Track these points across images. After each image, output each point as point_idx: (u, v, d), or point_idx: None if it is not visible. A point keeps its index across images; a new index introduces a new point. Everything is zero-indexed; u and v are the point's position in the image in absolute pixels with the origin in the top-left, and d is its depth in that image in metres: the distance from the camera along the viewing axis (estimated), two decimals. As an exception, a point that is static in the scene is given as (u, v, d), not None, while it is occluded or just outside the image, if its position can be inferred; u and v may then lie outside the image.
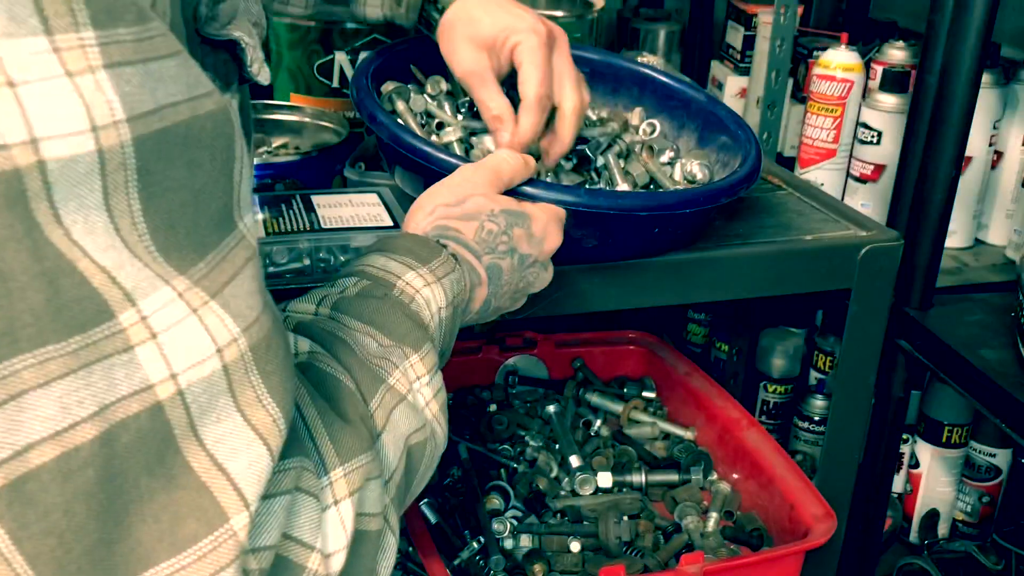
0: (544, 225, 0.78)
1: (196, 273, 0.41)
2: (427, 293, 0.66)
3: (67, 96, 0.36)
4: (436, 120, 0.99)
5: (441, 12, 0.93)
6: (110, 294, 0.38)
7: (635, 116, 1.09)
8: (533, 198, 0.82)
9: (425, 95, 1.01)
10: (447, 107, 1.00)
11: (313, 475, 0.48)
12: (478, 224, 0.74)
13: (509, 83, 0.91)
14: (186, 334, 0.40)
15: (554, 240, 0.79)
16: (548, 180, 0.93)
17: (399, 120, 0.95)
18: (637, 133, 1.06)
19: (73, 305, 0.37)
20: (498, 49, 0.89)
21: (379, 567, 0.55)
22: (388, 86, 1.00)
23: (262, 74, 0.60)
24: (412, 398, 0.60)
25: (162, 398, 0.39)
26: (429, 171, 0.86)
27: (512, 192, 0.81)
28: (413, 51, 1.05)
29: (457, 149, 0.95)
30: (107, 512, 0.38)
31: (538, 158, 0.92)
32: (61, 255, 0.36)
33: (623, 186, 0.98)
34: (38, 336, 0.36)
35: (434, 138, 0.97)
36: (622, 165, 1.00)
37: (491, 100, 0.89)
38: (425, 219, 0.74)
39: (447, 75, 1.03)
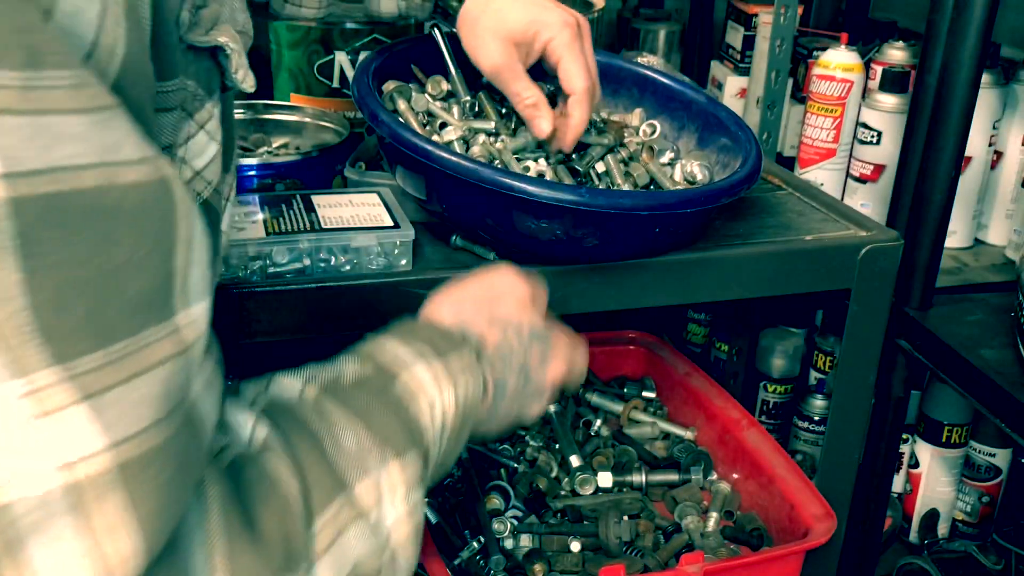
0: (558, 351, 0.72)
1: (82, 364, 0.36)
2: (433, 393, 0.59)
3: None
4: (439, 120, 0.99)
5: (460, 2, 0.92)
6: None
7: (635, 117, 1.09)
8: (535, 196, 0.82)
9: (426, 95, 1.01)
10: (454, 110, 1.00)
11: None
12: (503, 336, 0.68)
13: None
14: (25, 442, 0.35)
15: (560, 371, 0.73)
16: (551, 179, 0.93)
17: (400, 119, 0.95)
18: (637, 134, 1.06)
19: None
20: (528, 43, 0.90)
21: None
22: (389, 85, 1.00)
23: (246, 81, 0.57)
24: (376, 515, 0.53)
25: None
26: (431, 170, 0.86)
27: (515, 195, 0.81)
28: (414, 51, 1.05)
29: (458, 148, 0.95)
30: None
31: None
32: None
33: (623, 186, 0.98)
34: None
35: (435, 138, 0.97)
36: (623, 167, 1.00)
37: (526, 91, 0.90)
38: (451, 309, 0.68)
39: (448, 75, 1.03)
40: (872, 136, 1.31)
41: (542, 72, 0.96)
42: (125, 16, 0.40)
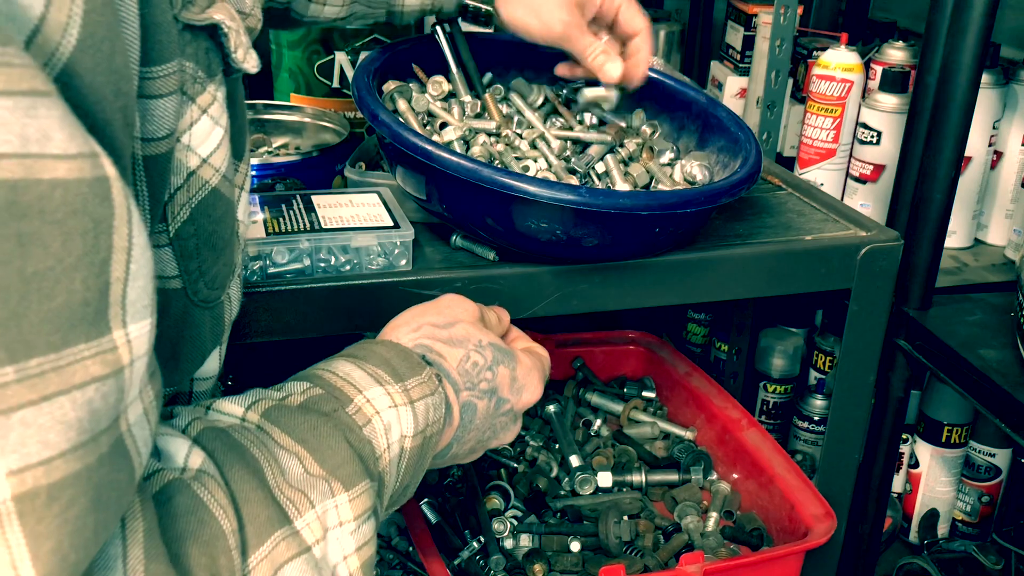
0: (528, 372, 0.70)
1: None
2: (389, 417, 0.56)
3: None
4: (439, 120, 0.99)
5: None
6: None
7: (636, 117, 1.09)
8: (535, 196, 0.82)
9: (427, 95, 1.01)
10: (455, 110, 1.00)
11: None
12: (464, 353, 0.65)
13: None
14: None
15: (533, 392, 0.71)
16: (551, 179, 0.93)
17: (401, 119, 0.95)
18: (637, 134, 1.06)
19: None
20: (587, 3, 0.96)
21: None
22: (390, 85, 1.00)
23: (248, 61, 0.54)
24: (321, 550, 0.50)
25: None
26: (431, 170, 0.86)
27: (514, 195, 0.82)
28: (414, 51, 1.05)
29: (458, 148, 0.96)
30: None
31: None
32: None
33: (623, 186, 0.98)
34: None
35: (436, 138, 0.97)
36: (623, 167, 1.00)
37: (593, 45, 0.96)
38: (409, 334, 0.66)
39: (448, 75, 1.03)
40: (872, 136, 1.31)
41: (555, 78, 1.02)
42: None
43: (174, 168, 0.52)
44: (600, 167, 0.99)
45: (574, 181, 0.97)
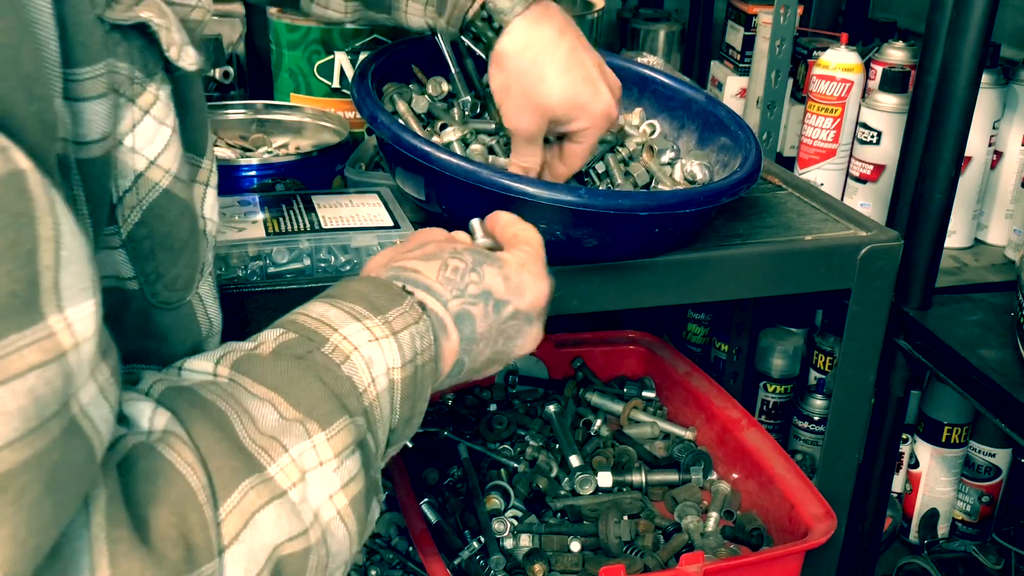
0: (519, 268, 0.66)
1: None
2: (370, 351, 0.54)
3: None
4: (440, 122, 0.99)
5: (497, 32, 0.87)
6: None
7: (635, 116, 1.09)
8: (535, 197, 0.83)
9: (427, 95, 1.01)
10: (454, 111, 1.00)
11: None
12: (440, 262, 0.63)
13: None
14: None
15: (535, 287, 0.67)
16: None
17: (400, 121, 0.95)
18: (637, 132, 1.06)
19: None
20: (560, 123, 0.88)
21: None
22: (390, 87, 1.00)
23: (184, 58, 0.51)
24: (299, 493, 0.49)
25: None
26: (430, 171, 0.86)
27: (514, 196, 0.81)
28: (414, 51, 1.05)
29: (458, 149, 0.96)
30: None
31: None
32: None
33: (623, 186, 0.98)
34: None
35: (435, 139, 0.97)
36: (623, 166, 1.00)
37: (530, 157, 0.90)
38: (379, 267, 0.64)
39: (448, 76, 1.03)
40: (872, 136, 1.31)
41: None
42: None
43: (120, 171, 0.51)
44: (600, 167, 0.99)
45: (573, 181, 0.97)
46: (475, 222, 0.74)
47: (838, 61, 1.33)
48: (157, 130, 0.52)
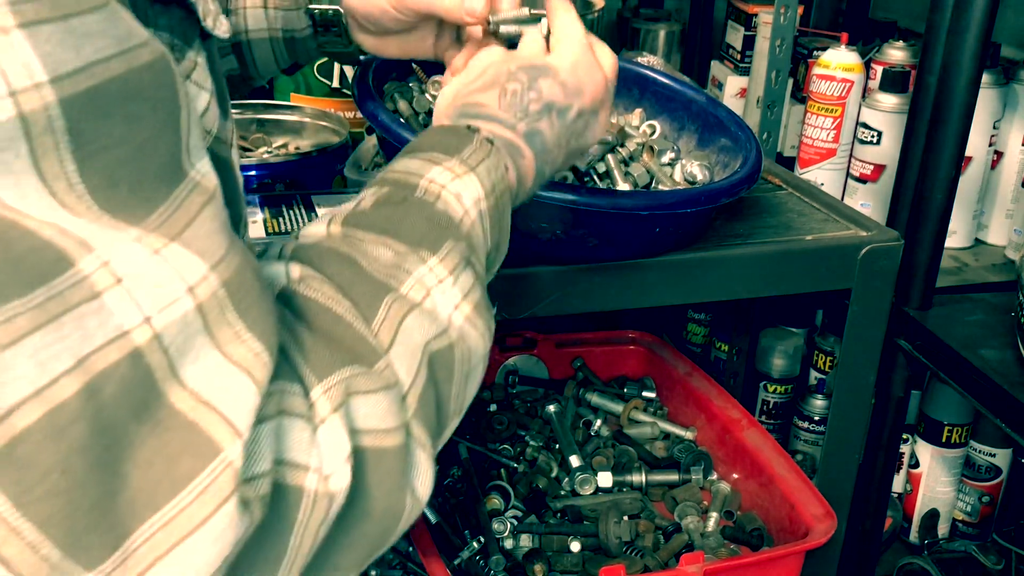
0: (572, 70, 0.71)
1: (149, 224, 0.39)
2: (456, 187, 0.61)
3: None
4: None
5: None
6: (64, 243, 0.37)
7: (635, 117, 1.09)
8: (535, 196, 0.82)
9: (427, 94, 1.01)
10: None
11: (299, 396, 0.46)
12: (499, 89, 0.68)
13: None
14: (153, 275, 0.39)
15: (593, 82, 0.72)
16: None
17: (401, 120, 0.95)
18: (637, 132, 1.06)
19: (29, 256, 0.36)
20: None
21: (415, 483, 0.52)
22: (391, 86, 1.00)
23: (219, 27, 0.56)
24: (430, 303, 0.56)
25: (139, 343, 0.38)
26: None
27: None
28: None
29: None
30: (104, 464, 0.37)
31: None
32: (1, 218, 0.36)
33: (624, 186, 0.98)
34: (0, 293, 0.35)
35: None
36: (623, 167, 1.00)
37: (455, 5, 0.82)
38: (448, 107, 0.69)
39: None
40: (872, 136, 1.31)
41: None
42: None
43: None
44: (600, 167, 0.99)
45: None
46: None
47: (838, 61, 1.33)
48: (198, 94, 0.54)
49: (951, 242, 1.30)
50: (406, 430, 0.52)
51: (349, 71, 1.20)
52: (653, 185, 1.00)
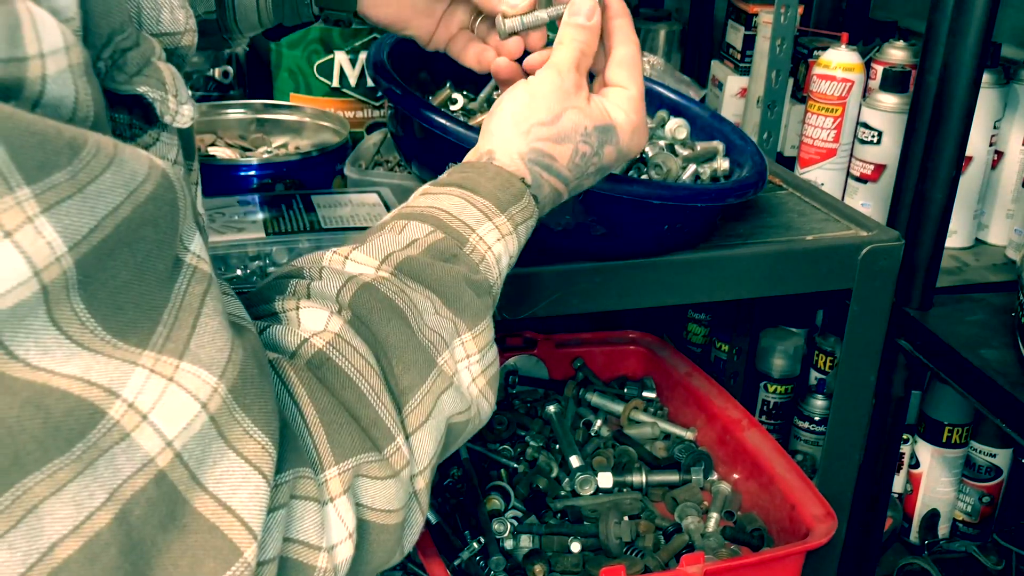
0: (630, 137, 0.73)
1: (158, 341, 0.42)
2: (499, 249, 0.64)
3: (7, 255, 0.36)
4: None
5: None
6: (93, 395, 0.39)
7: (656, 119, 1.09)
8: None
9: (463, 93, 1.02)
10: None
11: (310, 479, 0.49)
12: (573, 148, 0.70)
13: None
14: (171, 403, 0.41)
15: (642, 142, 0.75)
16: None
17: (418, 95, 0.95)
18: (663, 129, 1.06)
19: (67, 419, 0.38)
20: None
21: (405, 542, 0.56)
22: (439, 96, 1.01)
23: (179, 119, 0.53)
24: (458, 379, 0.60)
25: (163, 466, 0.41)
26: (445, 147, 0.86)
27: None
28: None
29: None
30: (134, 574, 0.40)
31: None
32: (32, 384, 0.38)
33: (653, 175, 0.98)
34: (43, 456, 0.38)
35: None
36: (642, 166, 1.00)
37: None
38: (520, 139, 0.68)
39: (455, 75, 1.04)
40: (872, 136, 1.31)
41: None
42: (87, 83, 0.42)
43: None
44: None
45: None
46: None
47: (839, 61, 1.33)
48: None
49: (951, 242, 1.30)
50: (408, 506, 0.55)
51: (349, 71, 1.20)
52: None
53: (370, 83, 1.17)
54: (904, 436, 1.40)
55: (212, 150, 1.09)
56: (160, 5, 0.53)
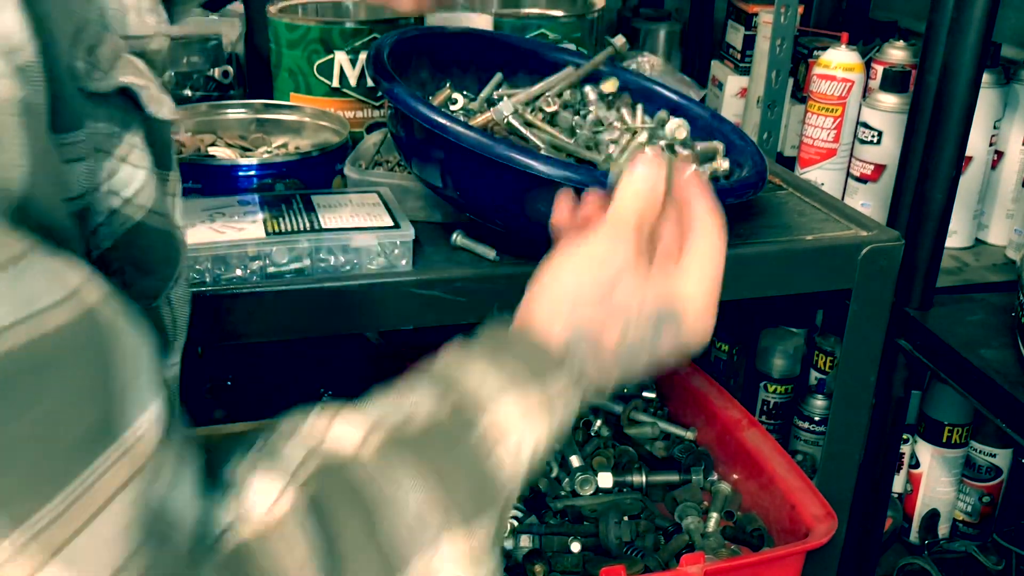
0: (696, 319, 0.61)
1: (41, 519, 0.35)
2: (521, 430, 0.52)
3: None
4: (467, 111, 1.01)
5: None
6: None
7: (656, 119, 1.09)
8: (547, 176, 0.82)
9: (463, 94, 1.02)
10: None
11: None
12: (622, 330, 0.58)
13: None
14: None
15: (707, 329, 0.61)
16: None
17: (417, 94, 0.95)
18: (663, 129, 1.06)
19: None
20: None
21: None
22: (439, 97, 1.01)
23: (163, 111, 0.52)
24: None
25: None
26: (445, 148, 0.86)
27: (527, 173, 0.77)
28: (424, 39, 1.05)
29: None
30: None
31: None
32: None
33: None
34: None
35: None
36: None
37: None
38: (566, 313, 0.58)
39: (457, 72, 1.04)
40: (872, 136, 1.31)
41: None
42: (18, 125, 0.37)
43: (94, 209, 0.50)
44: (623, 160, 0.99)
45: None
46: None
47: (839, 61, 1.33)
48: (134, 173, 0.51)
49: (951, 242, 1.30)
50: None
51: (349, 70, 1.20)
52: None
53: (370, 83, 1.17)
54: (904, 436, 1.40)
55: (212, 150, 1.09)
56: (127, 7, 0.51)
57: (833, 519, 1.03)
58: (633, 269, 0.59)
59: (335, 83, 1.22)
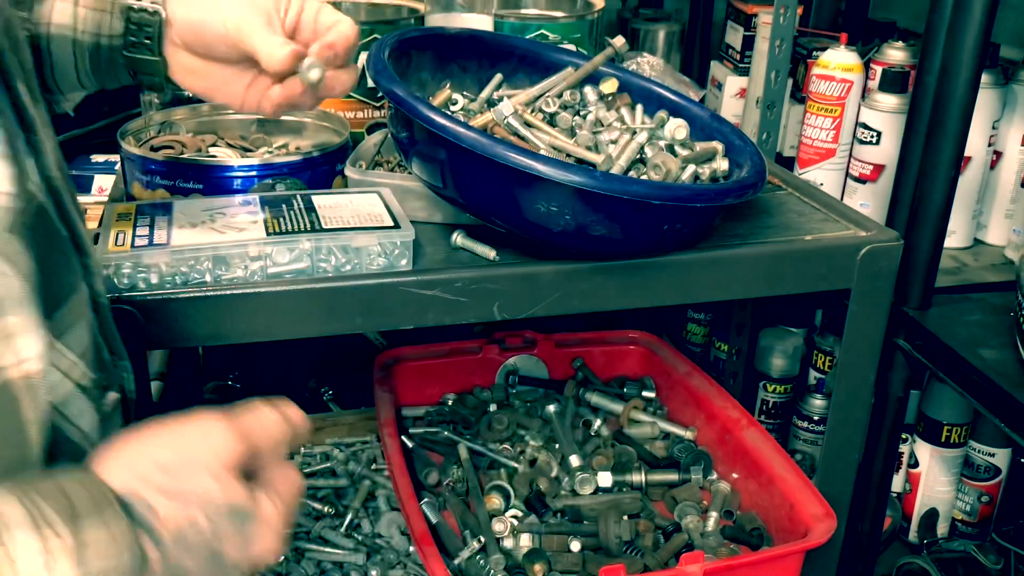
0: (270, 526, 0.56)
1: None
2: (32, 570, 0.44)
3: None
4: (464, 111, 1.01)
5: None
6: None
7: (656, 120, 1.09)
8: (547, 176, 0.82)
9: (463, 94, 1.02)
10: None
11: None
12: (187, 517, 0.51)
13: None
14: None
15: (269, 543, 0.56)
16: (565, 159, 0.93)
17: (417, 94, 0.96)
18: (662, 129, 1.06)
19: None
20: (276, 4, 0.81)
21: None
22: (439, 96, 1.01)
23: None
24: None
25: None
26: (446, 148, 0.86)
27: (526, 173, 0.78)
28: (425, 38, 1.05)
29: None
30: None
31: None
32: None
33: (652, 176, 0.98)
34: None
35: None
36: (642, 166, 1.00)
37: (271, 45, 0.78)
38: (123, 469, 0.51)
39: (457, 73, 1.04)
40: (872, 136, 1.31)
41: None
42: None
43: None
44: (623, 161, 0.99)
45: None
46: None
47: (838, 61, 1.33)
48: None
49: (950, 242, 1.30)
50: None
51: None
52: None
53: (370, 83, 1.17)
54: (903, 436, 1.41)
55: (213, 150, 1.09)
56: None
57: (832, 518, 1.03)
58: (216, 457, 0.54)
59: (335, 83, 1.22)
